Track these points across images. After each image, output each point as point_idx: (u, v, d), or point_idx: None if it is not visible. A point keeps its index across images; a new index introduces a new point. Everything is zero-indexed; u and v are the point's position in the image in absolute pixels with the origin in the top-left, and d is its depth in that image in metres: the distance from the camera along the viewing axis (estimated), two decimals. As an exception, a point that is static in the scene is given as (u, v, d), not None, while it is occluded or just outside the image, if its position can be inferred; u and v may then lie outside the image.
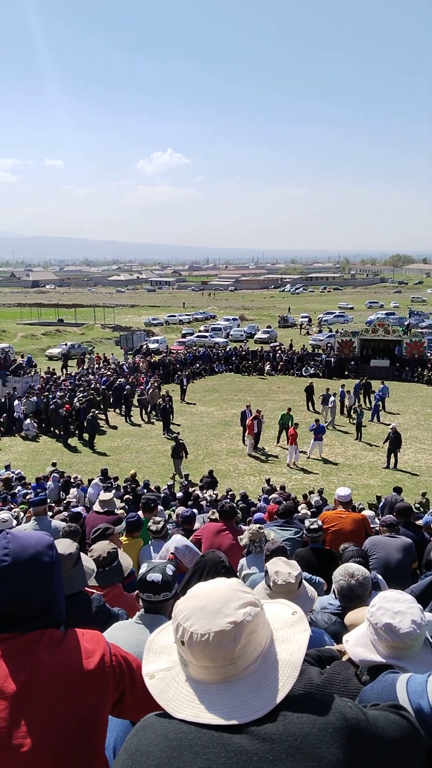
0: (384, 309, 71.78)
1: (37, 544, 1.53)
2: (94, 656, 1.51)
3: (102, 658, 1.52)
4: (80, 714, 1.43)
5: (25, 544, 1.51)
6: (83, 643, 1.53)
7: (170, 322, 61.25)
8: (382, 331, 34.69)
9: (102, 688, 1.50)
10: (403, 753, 1.20)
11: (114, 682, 1.54)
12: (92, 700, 1.46)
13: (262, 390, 31.40)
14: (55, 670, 1.43)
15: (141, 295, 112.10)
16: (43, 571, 1.50)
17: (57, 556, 1.56)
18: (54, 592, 1.53)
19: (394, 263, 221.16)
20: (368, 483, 17.45)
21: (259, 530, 5.05)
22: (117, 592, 3.63)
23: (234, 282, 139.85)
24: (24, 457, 20.30)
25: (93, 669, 1.49)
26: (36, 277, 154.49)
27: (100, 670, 1.50)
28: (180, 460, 18.36)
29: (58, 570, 1.56)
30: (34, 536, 1.57)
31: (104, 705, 1.51)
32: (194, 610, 1.16)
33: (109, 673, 1.52)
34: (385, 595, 1.92)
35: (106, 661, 1.53)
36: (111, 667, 1.53)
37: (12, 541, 1.51)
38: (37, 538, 1.56)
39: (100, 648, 1.55)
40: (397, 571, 5.07)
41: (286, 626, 1.26)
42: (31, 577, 1.47)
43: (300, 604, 2.47)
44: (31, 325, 55.53)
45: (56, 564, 1.55)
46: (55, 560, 1.54)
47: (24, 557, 1.48)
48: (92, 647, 1.53)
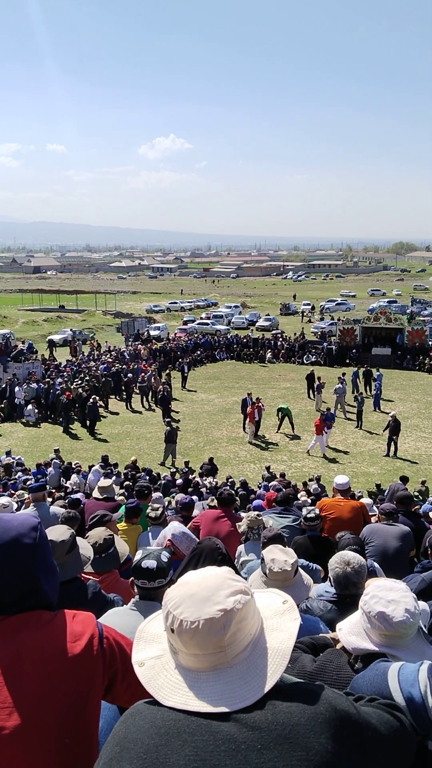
0: (386, 297, 71.58)
1: (20, 526, 1.50)
2: (81, 639, 1.48)
3: (90, 641, 1.49)
4: (66, 697, 1.40)
5: (7, 526, 1.49)
6: (71, 625, 1.51)
7: (172, 309, 61.14)
8: (384, 319, 34.58)
9: (89, 671, 1.47)
10: (392, 752, 1.21)
11: (103, 666, 1.51)
12: (78, 683, 1.43)
13: (263, 378, 31.39)
14: (40, 652, 1.41)
15: (143, 281, 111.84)
16: (24, 553, 1.47)
17: (42, 539, 1.53)
18: (38, 574, 1.49)
19: (396, 251, 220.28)
20: (368, 471, 17.48)
21: (257, 517, 5.06)
22: (113, 578, 3.64)
23: (236, 269, 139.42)
24: (25, 443, 20.35)
25: (79, 652, 1.46)
26: (37, 263, 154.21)
27: (87, 654, 1.47)
28: (172, 446, 18.44)
29: (43, 552, 1.52)
30: (18, 518, 1.54)
31: (92, 689, 1.47)
32: (184, 598, 1.16)
33: (96, 657, 1.49)
34: (379, 584, 1.92)
35: (94, 644, 1.49)
36: (99, 651, 1.50)
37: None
38: (21, 521, 1.53)
39: (89, 630, 1.52)
40: (394, 559, 5.08)
41: (277, 615, 1.25)
42: (12, 559, 1.45)
43: (295, 592, 2.47)
44: (32, 311, 55.53)
45: (40, 546, 1.51)
46: (38, 542, 1.50)
47: (5, 539, 1.46)
48: (80, 630, 1.50)
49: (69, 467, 15.69)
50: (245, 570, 4.14)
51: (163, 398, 23.04)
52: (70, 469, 15.50)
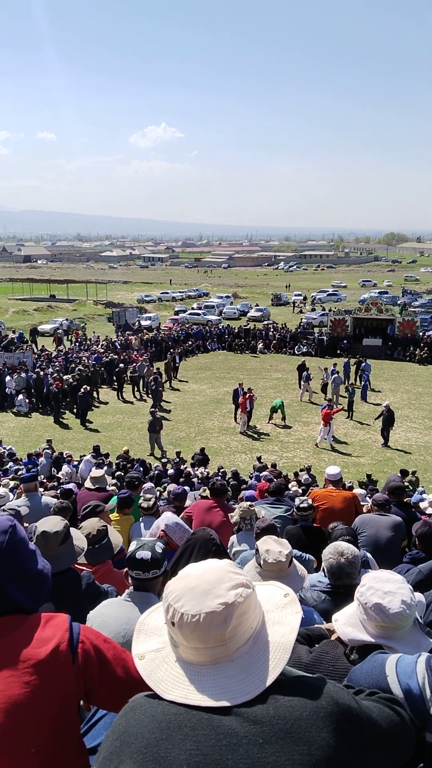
0: (377, 288, 71.70)
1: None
2: (48, 644, 1.42)
3: (57, 646, 1.43)
4: (32, 704, 1.35)
5: None
6: (41, 630, 1.45)
7: (163, 299, 60.91)
8: (375, 309, 34.65)
9: (56, 677, 1.40)
10: (392, 746, 1.21)
11: (76, 671, 1.45)
12: (43, 689, 1.37)
13: (255, 368, 31.40)
14: (4, 658, 1.37)
15: (134, 271, 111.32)
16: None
17: (13, 541, 1.48)
18: (5, 579, 1.44)
19: (387, 242, 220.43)
20: (359, 461, 17.57)
21: (249, 507, 5.07)
22: (107, 569, 3.63)
23: (227, 259, 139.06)
24: (16, 433, 20.27)
25: (43, 658, 1.40)
26: (28, 252, 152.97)
27: (52, 659, 1.41)
28: (156, 435, 18.45)
29: (17, 555, 1.48)
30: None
31: (61, 695, 1.40)
32: (185, 591, 1.15)
33: (64, 662, 1.42)
34: (375, 575, 1.92)
35: (61, 649, 1.43)
36: (68, 656, 1.44)
37: None
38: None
39: (58, 635, 1.45)
40: (386, 549, 5.11)
41: (278, 608, 1.24)
42: None
43: (290, 583, 2.47)
44: (22, 301, 55.09)
45: (10, 549, 1.46)
46: (5, 547, 1.46)
47: None
48: (49, 635, 1.45)
49: (60, 457, 15.65)
50: (238, 560, 4.14)
51: (155, 391, 22.91)
52: (61, 459, 15.46)
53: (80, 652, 1.47)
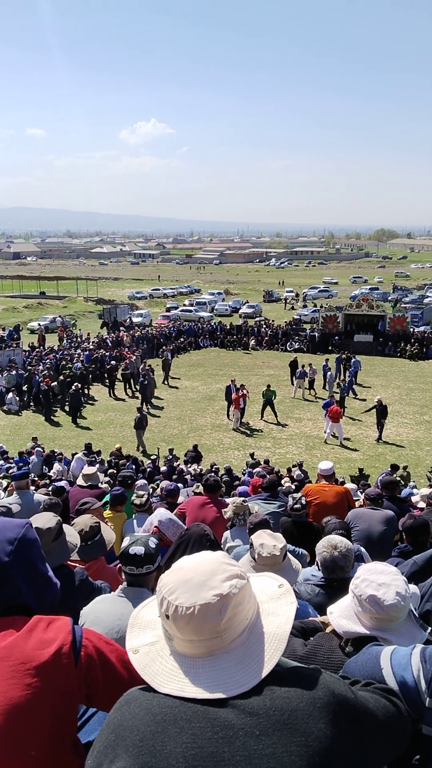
0: (368, 284, 71.96)
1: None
2: (51, 646, 1.42)
3: (59, 648, 1.42)
4: (31, 706, 1.34)
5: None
6: (44, 632, 1.45)
7: (154, 295, 60.79)
8: (366, 306, 34.74)
9: (58, 679, 1.40)
10: (388, 737, 1.20)
11: (78, 674, 1.45)
12: (44, 692, 1.37)
13: (247, 365, 31.41)
14: (4, 661, 1.37)
15: (124, 267, 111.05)
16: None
17: (27, 540, 1.50)
18: (16, 575, 1.47)
19: (378, 238, 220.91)
20: (350, 457, 17.62)
21: (242, 503, 5.07)
22: (99, 565, 3.62)
23: (219, 255, 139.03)
24: (6, 431, 20.19)
25: (46, 660, 1.39)
26: (17, 248, 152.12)
27: (55, 661, 1.40)
28: (142, 431, 18.47)
29: (27, 554, 1.50)
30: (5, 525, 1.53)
31: (63, 698, 1.40)
32: (179, 584, 1.14)
33: (67, 665, 1.42)
34: (370, 567, 1.92)
35: (64, 651, 1.43)
36: (71, 658, 1.43)
37: None
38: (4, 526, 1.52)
39: (61, 637, 1.45)
40: (379, 543, 5.12)
41: (273, 599, 1.24)
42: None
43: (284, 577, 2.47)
44: (12, 298, 54.84)
45: (22, 547, 1.48)
46: (19, 543, 1.48)
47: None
48: (52, 636, 1.44)
49: (51, 455, 15.61)
50: (232, 555, 4.14)
51: (143, 386, 22.86)
52: (52, 457, 15.42)
53: (83, 655, 1.47)
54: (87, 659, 1.48)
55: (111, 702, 1.45)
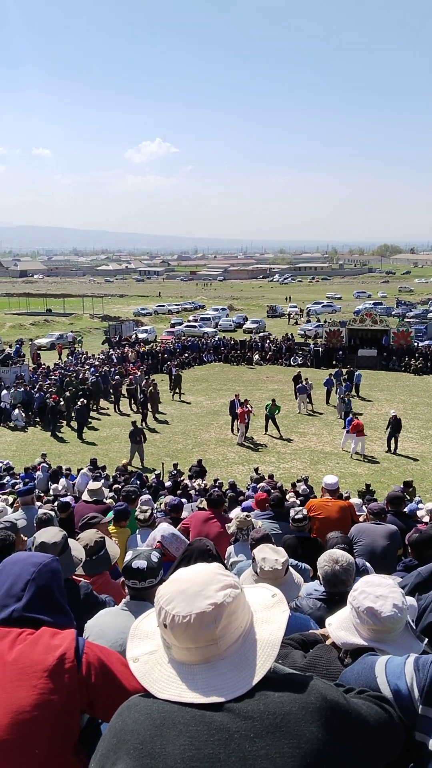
0: (372, 299, 72.02)
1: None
2: (55, 652, 1.48)
3: (63, 655, 1.49)
4: (36, 707, 1.40)
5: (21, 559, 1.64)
6: (49, 639, 1.51)
7: (159, 312, 61.08)
8: (369, 320, 34.82)
9: (61, 685, 1.45)
10: (380, 743, 1.24)
11: (79, 681, 1.49)
12: (48, 694, 1.43)
13: (251, 379, 31.45)
14: (12, 664, 1.43)
15: (130, 285, 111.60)
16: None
17: (39, 573, 1.60)
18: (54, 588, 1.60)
19: (381, 253, 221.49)
20: (356, 471, 17.57)
21: (246, 518, 5.08)
22: (104, 579, 3.65)
23: (223, 272, 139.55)
24: (12, 447, 20.23)
25: (51, 665, 1.46)
26: (24, 266, 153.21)
27: (59, 667, 1.47)
28: (137, 445, 18.49)
29: (40, 586, 1.59)
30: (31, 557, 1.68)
31: (66, 702, 1.45)
32: (176, 594, 1.19)
33: (70, 671, 1.48)
34: (368, 579, 1.95)
35: (67, 658, 1.49)
36: (74, 666, 1.49)
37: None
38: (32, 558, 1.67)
39: (64, 645, 1.51)
40: (382, 558, 5.12)
41: (266, 608, 1.28)
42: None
43: (286, 591, 2.50)
44: (19, 315, 55.17)
45: (36, 578, 1.59)
46: (33, 578, 1.59)
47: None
48: (57, 644, 1.51)
49: (57, 471, 15.63)
50: (235, 571, 4.16)
51: (144, 402, 22.85)
52: (58, 473, 15.44)
53: (85, 662, 1.52)
54: (88, 666, 1.53)
55: (111, 710, 1.49)
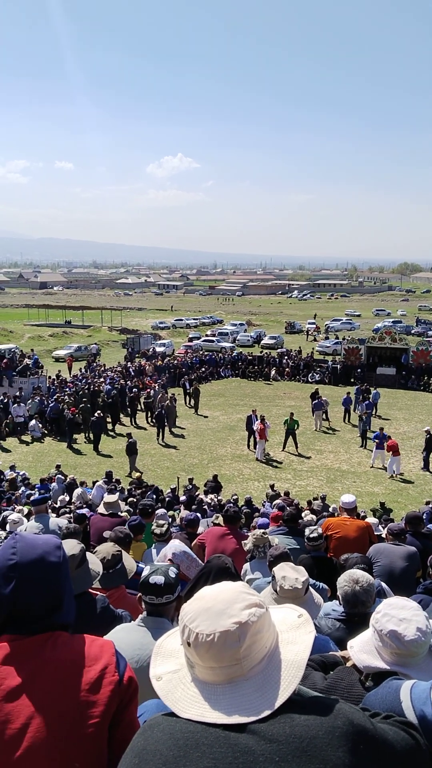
0: (391, 317, 71.82)
1: (44, 545, 1.53)
2: (97, 664, 1.46)
3: (105, 667, 1.46)
4: (77, 719, 1.38)
5: (33, 544, 1.51)
6: (89, 648, 1.49)
7: (177, 325, 61.37)
8: (389, 339, 34.65)
9: (101, 696, 1.42)
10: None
11: (118, 696, 1.46)
12: (90, 706, 1.40)
13: (268, 395, 31.40)
14: (55, 673, 1.41)
15: (148, 298, 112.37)
16: (49, 571, 1.49)
17: (65, 558, 1.56)
18: (61, 593, 1.52)
19: (402, 271, 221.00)
20: (372, 491, 17.39)
21: (263, 535, 5.04)
22: (121, 593, 3.63)
23: (241, 287, 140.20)
24: (29, 458, 20.35)
25: (94, 677, 1.43)
26: (44, 278, 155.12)
27: (100, 679, 1.44)
28: (134, 457, 18.68)
29: (66, 571, 1.55)
30: (42, 537, 1.58)
31: (100, 714, 1.41)
32: (200, 612, 1.17)
33: (111, 684, 1.45)
34: (391, 602, 1.92)
35: (109, 671, 1.46)
36: (114, 678, 1.46)
37: (19, 541, 1.52)
38: (45, 539, 1.56)
39: (105, 657, 1.49)
40: (400, 579, 5.04)
41: (292, 629, 1.26)
42: (39, 576, 1.47)
43: (306, 610, 2.47)
44: (38, 326, 55.75)
45: (64, 565, 1.54)
46: (62, 561, 1.54)
47: (31, 557, 1.48)
48: (97, 654, 1.48)
49: (72, 483, 15.66)
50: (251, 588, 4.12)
51: (159, 415, 22.79)
52: (73, 485, 15.47)
53: (126, 677, 1.49)
54: (129, 681, 1.50)
55: (119, 734, 1.43)
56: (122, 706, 1.47)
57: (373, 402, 24.97)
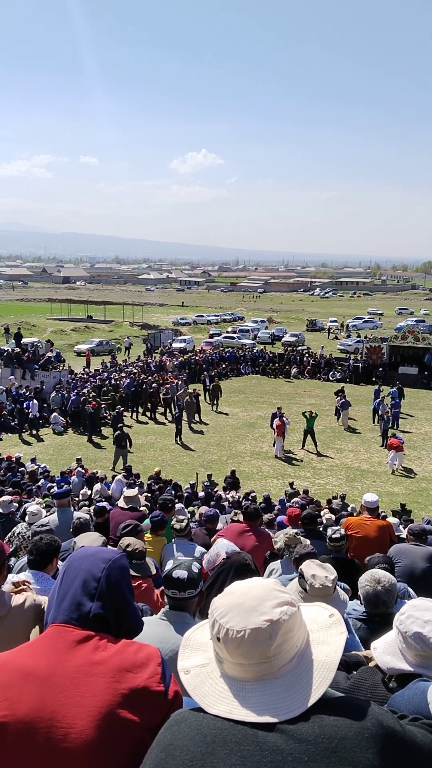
0: (414, 316, 71.09)
1: (112, 553, 1.62)
2: (144, 671, 1.41)
3: (152, 676, 1.41)
4: (119, 726, 1.33)
5: (101, 551, 1.62)
6: (134, 654, 1.44)
7: (198, 322, 61.44)
8: (411, 338, 34.29)
9: (145, 704, 1.37)
10: None
11: (164, 708, 1.41)
12: (131, 714, 1.35)
13: (288, 393, 31.29)
14: (97, 676, 1.37)
15: (170, 294, 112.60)
16: (122, 576, 1.58)
17: (109, 569, 1.57)
18: (127, 597, 1.57)
19: (425, 270, 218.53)
20: (392, 491, 17.25)
21: (295, 535, 4.97)
22: (148, 585, 3.66)
23: (263, 284, 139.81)
24: (50, 451, 20.52)
25: (139, 683, 1.39)
26: (67, 273, 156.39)
27: (147, 688, 1.39)
28: (122, 450, 18.60)
29: (110, 583, 1.56)
30: (105, 550, 1.66)
31: (146, 724, 1.36)
32: (231, 607, 1.16)
33: (156, 694, 1.40)
34: (415, 604, 1.90)
35: (155, 680, 1.41)
36: (160, 688, 1.41)
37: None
38: (110, 551, 1.65)
39: (152, 666, 1.43)
40: (421, 580, 5.00)
41: (323, 628, 1.25)
42: (117, 579, 1.55)
43: (334, 608, 2.46)
44: (60, 321, 56.21)
45: (107, 575, 1.56)
46: (104, 575, 1.56)
47: (111, 562, 1.57)
48: (143, 660, 1.43)
49: (93, 476, 15.78)
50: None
51: (179, 417, 22.54)
52: (93, 479, 15.58)
53: (171, 690, 1.44)
54: (174, 696, 1.44)
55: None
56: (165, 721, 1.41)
57: (398, 402, 24.69)
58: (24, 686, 1.34)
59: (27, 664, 1.38)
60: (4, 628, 2.52)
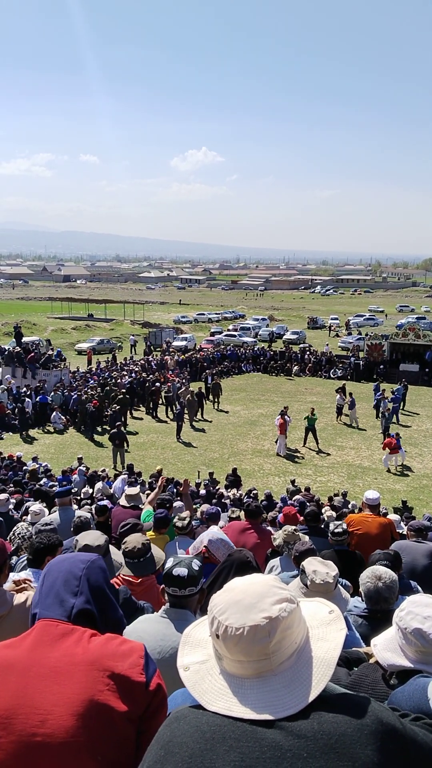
0: (415, 313, 71.01)
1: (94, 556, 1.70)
2: (126, 660, 1.45)
3: (134, 666, 1.44)
4: (101, 714, 1.35)
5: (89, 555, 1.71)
6: (118, 646, 1.48)
7: (199, 320, 61.41)
8: (412, 335, 34.27)
9: (127, 694, 1.40)
10: None
11: (145, 697, 1.44)
12: (117, 701, 1.38)
13: (289, 391, 31.28)
14: (80, 665, 1.40)
15: (171, 292, 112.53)
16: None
17: (88, 569, 1.62)
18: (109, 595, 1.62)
19: (426, 267, 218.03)
20: (394, 488, 17.25)
21: (294, 532, 4.98)
22: (150, 582, 3.66)
23: (264, 282, 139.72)
24: (51, 450, 20.53)
25: (121, 672, 1.42)
26: (67, 271, 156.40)
27: (129, 677, 1.42)
28: (118, 449, 18.67)
29: (90, 580, 1.62)
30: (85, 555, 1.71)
31: (130, 713, 1.39)
32: (230, 604, 1.16)
33: (139, 684, 1.43)
34: (415, 600, 1.90)
35: (137, 670, 1.44)
36: (142, 678, 1.44)
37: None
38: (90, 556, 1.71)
39: (134, 656, 1.47)
40: (423, 577, 5.00)
41: (323, 624, 1.25)
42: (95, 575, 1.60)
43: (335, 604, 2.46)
44: (61, 319, 56.22)
45: (87, 574, 1.61)
46: (83, 574, 1.61)
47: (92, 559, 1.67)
48: (126, 651, 1.47)
49: (94, 475, 15.78)
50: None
51: (179, 415, 22.52)
52: (95, 477, 15.58)
53: (154, 683, 1.46)
54: (156, 688, 1.47)
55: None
56: (149, 714, 1.44)
57: (398, 397, 24.67)
58: (4, 678, 1.38)
59: (8, 656, 1.43)
60: (5, 627, 2.54)
